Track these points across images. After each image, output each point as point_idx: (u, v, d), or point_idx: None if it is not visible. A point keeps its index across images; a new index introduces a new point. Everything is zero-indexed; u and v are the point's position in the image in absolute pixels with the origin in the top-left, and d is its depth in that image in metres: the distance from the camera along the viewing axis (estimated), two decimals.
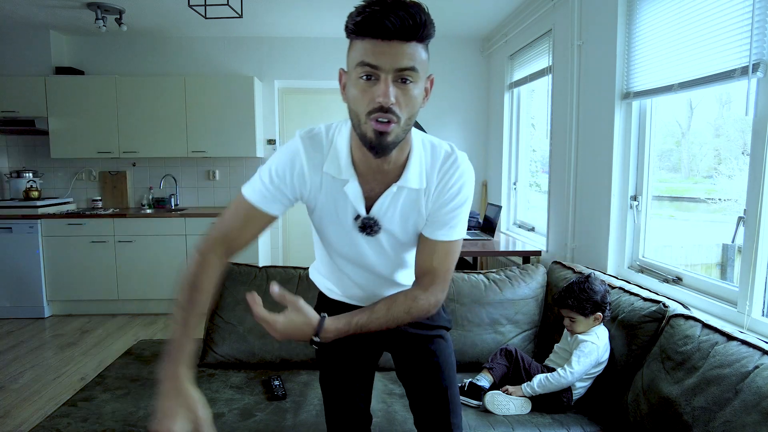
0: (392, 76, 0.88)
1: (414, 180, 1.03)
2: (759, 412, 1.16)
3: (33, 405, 2.54)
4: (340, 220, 1.08)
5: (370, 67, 0.88)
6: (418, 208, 1.07)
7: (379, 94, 0.87)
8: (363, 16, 0.86)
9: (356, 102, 0.92)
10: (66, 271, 4.01)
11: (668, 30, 2.02)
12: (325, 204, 1.08)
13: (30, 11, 3.68)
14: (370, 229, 1.07)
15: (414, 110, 0.93)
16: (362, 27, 0.87)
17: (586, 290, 1.76)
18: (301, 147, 1.04)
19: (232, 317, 2.08)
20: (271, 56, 4.48)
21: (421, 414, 1.28)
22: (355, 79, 0.91)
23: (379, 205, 1.05)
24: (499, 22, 3.95)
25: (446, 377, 1.26)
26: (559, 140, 2.97)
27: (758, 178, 1.59)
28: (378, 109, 0.88)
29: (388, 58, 0.87)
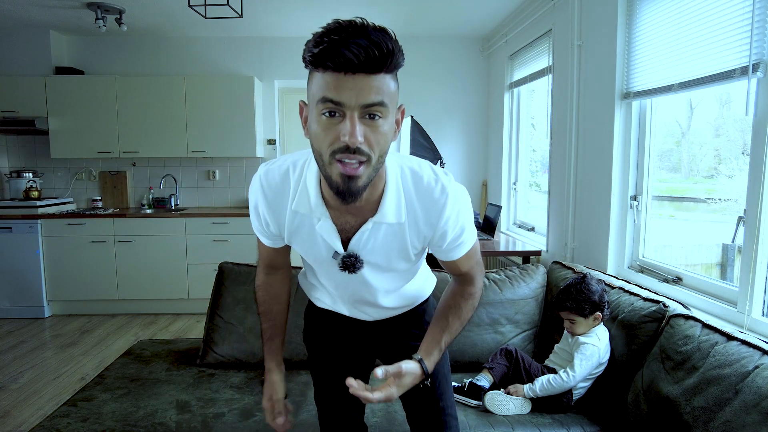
0: (358, 112, 0.78)
1: (390, 215, 0.94)
2: (759, 412, 1.16)
3: (33, 405, 2.54)
4: (319, 256, 1.04)
5: (332, 104, 0.78)
6: (401, 238, 0.99)
7: (344, 133, 0.78)
8: (321, 48, 0.76)
9: (319, 140, 0.82)
10: (66, 271, 4.01)
11: (668, 30, 2.02)
12: (299, 240, 1.03)
13: (30, 11, 3.68)
14: (352, 267, 1.00)
15: (385, 148, 0.84)
16: (321, 59, 0.76)
17: (583, 291, 1.75)
18: (259, 191, 1.00)
19: (232, 317, 2.08)
20: (271, 56, 4.48)
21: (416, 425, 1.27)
22: (317, 116, 0.81)
23: (356, 239, 0.98)
24: (499, 22, 3.95)
25: (438, 388, 1.22)
26: (559, 140, 2.97)
27: (758, 178, 1.59)
28: (344, 149, 0.79)
29: (353, 93, 0.77)
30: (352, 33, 0.76)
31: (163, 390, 1.81)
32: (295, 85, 4.68)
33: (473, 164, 4.61)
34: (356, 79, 0.77)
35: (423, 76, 4.44)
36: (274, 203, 0.99)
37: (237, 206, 4.57)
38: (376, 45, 0.76)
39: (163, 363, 2.04)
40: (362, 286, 1.09)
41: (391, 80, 0.82)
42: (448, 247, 1.03)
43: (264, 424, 1.61)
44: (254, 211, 1.05)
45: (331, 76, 0.77)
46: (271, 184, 0.98)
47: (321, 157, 0.83)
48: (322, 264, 1.07)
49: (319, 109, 0.80)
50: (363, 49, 0.75)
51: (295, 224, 1.00)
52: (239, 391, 1.82)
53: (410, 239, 1.00)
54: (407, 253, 1.02)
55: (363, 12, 3.81)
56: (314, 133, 0.83)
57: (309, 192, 0.95)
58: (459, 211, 0.98)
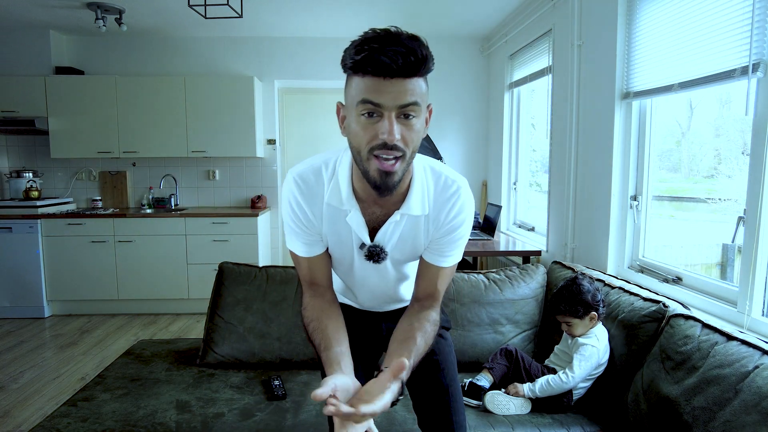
0: (395, 112, 0.87)
1: (416, 207, 1.03)
2: (759, 412, 1.16)
3: (33, 405, 2.54)
4: (345, 247, 1.10)
5: (372, 105, 0.87)
6: (416, 232, 1.08)
7: (383, 132, 0.87)
8: (363, 55, 0.84)
9: (358, 139, 0.91)
10: (66, 271, 4.01)
11: (668, 30, 2.02)
12: (331, 233, 1.09)
13: (30, 11, 3.68)
14: (377, 256, 1.08)
15: (417, 144, 0.93)
16: (362, 65, 0.85)
17: (574, 292, 1.75)
18: (294, 188, 1.05)
19: (232, 317, 2.08)
20: (271, 56, 4.48)
21: (424, 413, 1.29)
22: (356, 116, 0.90)
23: (382, 232, 1.07)
24: (499, 22, 3.95)
25: (447, 375, 1.27)
26: (559, 140, 2.97)
27: (758, 178, 1.59)
28: (381, 146, 0.88)
29: (391, 95, 0.86)
30: (389, 41, 0.84)
31: (163, 390, 1.81)
32: (295, 85, 4.68)
33: (473, 164, 4.60)
34: (393, 82, 0.85)
35: None
36: (310, 198, 1.05)
37: (237, 206, 4.57)
38: (412, 52, 0.84)
39: (163, 363, 2.04)
40: (381, 277, 1.16)
41: (423, 82, 0.91)
42: (444, 246, 1.08)
43: (264, 424, 1.61)
44: (291, 211, 1.06)
45: (371, 80, 0.86)
46: (306, 180, 1.05)
47: (359, 153, 0.92)
48: (349, 256, 1.12)
49: (359, 110, 0.89)
50: (401, 56, 0.83)
51: (328, 217, 1.07)
52: (239, 391, 1.82)
53: (423, 233, 1.08)
54: (420, 247, 1.10)
55: (363, 12, 3.82)
56: (353, 132, 0.92)
57: (341, 186, 1.03)
58: (467, 217, 1.07)
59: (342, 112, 0.98)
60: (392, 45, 0.83)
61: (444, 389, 1.26)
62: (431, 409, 1.27)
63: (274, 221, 4.66)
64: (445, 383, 1.26)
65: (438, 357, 1.27)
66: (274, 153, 4.59)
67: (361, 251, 1.08)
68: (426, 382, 1.27)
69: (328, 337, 1.05)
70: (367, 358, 1.31)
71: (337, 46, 0.97)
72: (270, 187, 4.62)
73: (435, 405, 1.26)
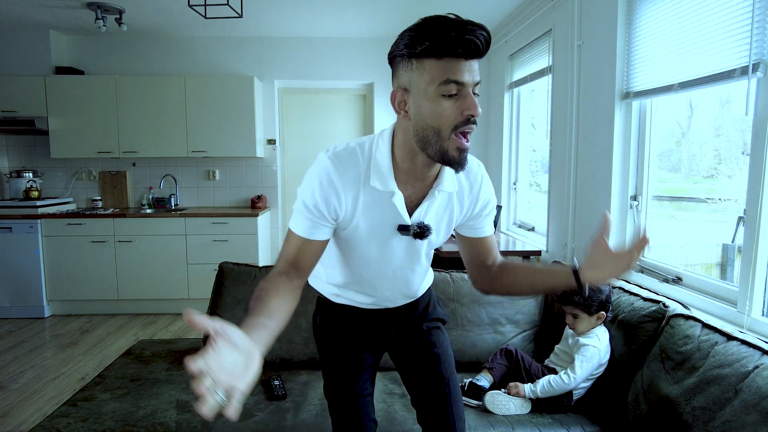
0: (472, 89, 0.95)
1: (449, 184, 1.09)
2: (759, 412, 1.16)
3: (33, 405, 2.55)
4: (380, 232, 1.11)
5: (456, 84, 0.92)
6: (450, 210, 1.14)
7: (469, 107, 0.94)
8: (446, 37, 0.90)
9: (439, 119, 0.94)
10: (66, 271, 4.01)
11: (668, 30, 2.02)
12: (363, 218, 1.09)
13: (30, 11, 3.68)
14: (426, 231, 1.10)
15: None
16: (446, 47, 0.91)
17: (592, 288, 1.76)
18: (331, 166, 1.04)
19: (232, 317, 2.08)
20: (271, 56, 4.48)
21: (422, 407, 1.29)
22: (435, 96, 0.94)
23: (420, 210, 1.10)
24: (499, 22, 3.95)
25: (445, 368, 1.28)
26: (559, 140, 2.97)
27: (758, 178, 1.59)
28: (466, 122, 0.94)
29: (471, 74, 0.94)
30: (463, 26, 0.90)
31: (163, 390, 1.81)
32: (295, 85, 4.68)
33: None
34: (471, 63, 0.94)
35: None
36: (347, 177, 1.05)
37: (237, 206, 4.57)
38: (487, 36, 0.92)
39: (163, 363, 2.04)
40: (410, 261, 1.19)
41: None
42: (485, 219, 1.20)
43: (264, 424, 1.61)
44: (319, 189, 1.03)
45: (454, 62, 0.92)
46: (342, 161, 1.05)
47: (437, 132, 0.95)
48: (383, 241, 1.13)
49: (440, 91, 0.93)
50: (479, 39, 0.91)
51: (367, 201, 1.07)
52: None
53: (457, 210, 1.14)
54: (452, 225, 1.17)
55: (363, 12, 3.82)
56: (431, 113, 0.95)
57: (382, 169, 1.05)
58: (491, 191, 1.20)
59: (402, 97, 0.99)
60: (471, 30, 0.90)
61: (443, 381, 1.27)
62: (430, 401, 1.27)
63: (274, 221, 4.66)
64: (445, 375, 1.27)
65: (437, 350, 1.29)
66: (274, 153, 4.59)
67: (401, 233, 1.11)
68: (425, 374, 1.28)
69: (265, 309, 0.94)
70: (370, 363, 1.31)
71: (337, 46, 0.97)
72: (270, 187, 4.62)
73: (434, 397, 1.27)
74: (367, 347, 1.30)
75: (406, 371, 1.33)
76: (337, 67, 4.49)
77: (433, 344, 1.30)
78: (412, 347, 1.30)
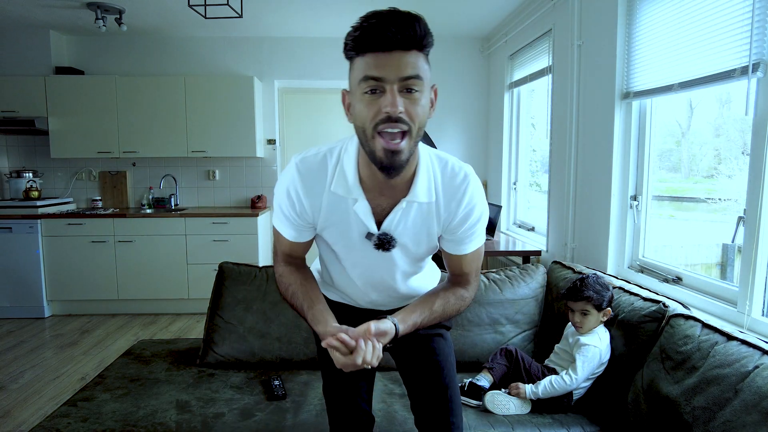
0: (397, 86, 0.87)
1: (423, 194, 1.02)
2: (759, 412, 1.16)
3: (33, 405, 2.54)
4: (349, 238, 1.08)
5: (374, 80, 0.87)
6: (429, 221, 1.07)
7: (386, 104, 0.86)
8: (362, 31, 0.86)
9: (362, 117, 0.90)
10: (66, 271, 4.01)
11: (668, 30, 2.02)
12: (331, 224, 1.07)
13: (30, 11, 3.68)
14: (388, 244, 1.07)
15: (423, 121, 0.92)
16: (362, 42, 0.86)
17: (600, 284, 1.77)
18: (296, 174, 1.03)
19: (232, 317, 2.08)
20: (271, 56, 4.48)
21: (421, 413, 1.29)
22: (359, 95, 0.90)
23: (389, 220, 1.05)
24: (499, 22, 3.95)
25: (446, 376, 1.27)
26: (559, 140, 2.97)
27: (758, 178, 1.59)
28: (386, 120, 0.87)
29: (392, 68, 0.86)
30: (387, 16, 0.85)
31: (163, 390, 1.81)
32: (295, 84, 4.68)
33: (473, 164, 4.52)
34: (393, 56, 0.86)
35: None
36: (311, 187, 1.04)
37: (237, 206, 4.57)
38: (410, 24, 0.85)
39: (163, 363, 2.04)
40: (388, 270, 1.14)
41: (424, 60, 0.91)
42: (462, 236, 1.08)
43: (264, 424, 1.61)
44: (287, 198, 1.05)
45: (371, 56, 0.87)
46: (309, 169, 1.03)
47: (364, 132, 0.91)
48: (352, 248, 1.11)
49: (362, 89, 0.89)
50: (399, 28, 0.84)
51: (331, 207, 1.05)
52: (239, 391, 1.82)
53: (435, 220, 1.07)
54: (433, 236, 1.09)
55: (363, 11, 3.80)
56: (358, 112, 0.91)
57: (347, 174, 1.02)
58: (478, 201, 1.07)
59: (347, 99, 0.97)
60: (391, 19, 0.84)
61: (444, 389, 1.25)
62: (429, 409, 1.26)
63: None
64: (445, 383, 1.26)
65: (438, 357, 1.27)
66: (274, 153, 4.59)
67: (368, 241, 1.07)
68: (426, 382, 1.27)
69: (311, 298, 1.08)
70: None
71: (337, 46, 0.97)
72: (270, 187, 4.62)
73: (433, 405, 1.26)
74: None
75: (406, 376, 1.33)
76: (337, 67, 4.49)
77: (435, 352, 1.27)
78: (413, 352, 1.28)
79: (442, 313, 1.10)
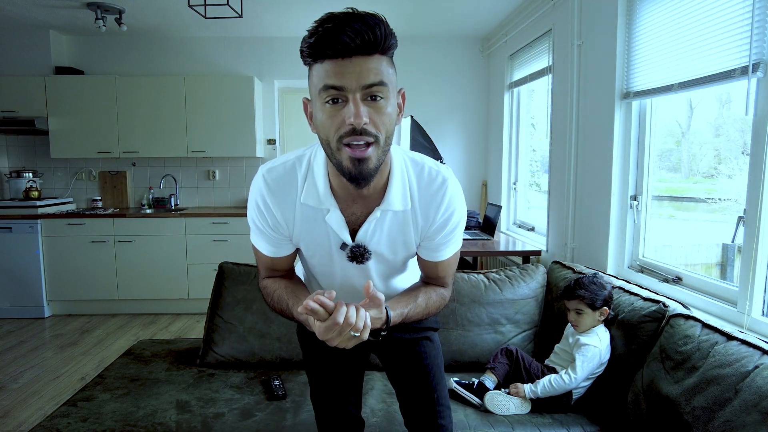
0: (360, 94, 0.80)
1: (397, 202, 0.96)
2: (759, 411, 1.16)
3: (33, 405, 2.54)
4: (324, 249, 1.04)
5: (334, 90, 0.80)
6: (406, 229, 1.02)
7: (349, 115, 0.80)
8: (317, 36, 0.79)
9: (325, 129, 0.84)
10: (66, 271, 4.01)
11: (668, 30, 2.02)
12: (305, 235, 1.03)
13: (30, 11, 3.68)
14: (361, 257, 1.02)
15: (390, 129, 0.86)
16: (318, 48, 0.80)
17: (597, 284, 1.77)
18: (263, 186, 0.98)
19: (232, 317, 2.08)
20: (271, 56, 4.48)
21: (410, 416, 1.28)
22: (320, 105, 0.83)
23: (363, 230, 1.00)
24: (499, 22, 3.95)
25: (433, 379, 1.25)
26: (559, 140, 2.97)
27: (758, 178, 1.59)
28: (350, 132, 0.81)
29: (353, 76, 0.79)
30: (344, 20, 0.78)
31: (163, 390, 1.81)
32: (295, 84, 4.68)
33: (473, 164, 4.61)
34: (354, 62, 0.79)
35: (423, 76, 4.44)
36: (282, 199, 0.99)
37: (237, 206, 4.57)
38: (370, 27, 0.78)
39: (163, 363, 2.04)
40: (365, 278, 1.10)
41: (388, 64, 0.84)
42: (439, 242, 1.03)
43: (264, 424, 1.61)
44: (257, 212, 1.00)
45: (330, 64, 0.80)
46: (277, 180, 0.98)
47: (329, 144, 0.85)
48: (327, 258, 1.07)
49: (322, 98, 0.82)
50: (356, 33, 0.77)
51: (303, 218, 1.00)
52: (239, 391, 1.82)
53: (413, 228, 1.01)
54: (411, 244, 1.04)
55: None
56: (320, 123, 0.85)
57: (317, 184, 0.96)
58: (456, 207, 1.00)
59: (309, 108, 0.91)
60: (348, 22, 0.78)
61: (431, 392, 1.24)
62: (418, 412, 1.26)
63: None
64: (432, 386, 1.24)
65: (426, 361, 1.25)
66: (274, 153, 4.59)
67: (343, 252, 1.02)
68: (413, 385, 1.26)
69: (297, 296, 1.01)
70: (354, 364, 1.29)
71: None
72: None
73: (421, 408, 1.25)
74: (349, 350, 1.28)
75: (393, 379, 1.32)
76: None
77: (422, 355, 1.25)
78: (400, 356, 1.27)
79: (425, 308, 1.06)
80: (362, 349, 1.29)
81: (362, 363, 1.32)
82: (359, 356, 1.30)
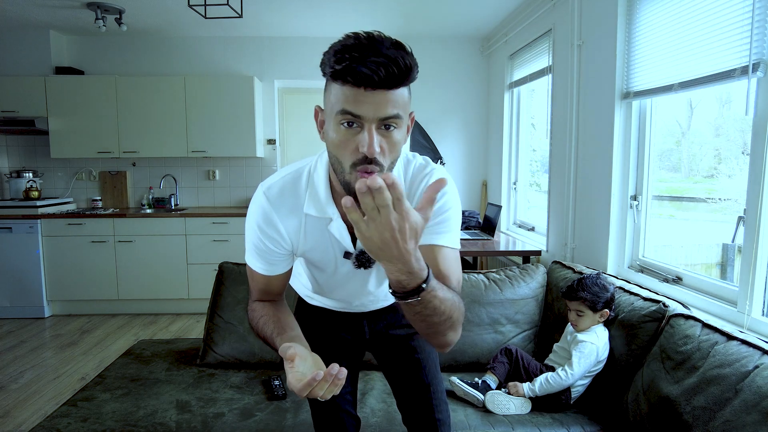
0: (376, 124, 0.81)
1: None
2: (759, 411, 1.16)
3: (33, 405, 2.54)
4: (327, 257, 1.06)
5: (352, 116, 0.81)
6: None
7: (363, 144, 0.81)
8: (344, 65, 0.78)
9: (338, 149, 0.86)
10: (66, 271, 4.01)
11: (668, 30, 2.02)
12: (308, 245, 1.04)
13: (30, 11, 3.68)
14: (368, 262, 1.04)
15: (397, 155, 0.88)
16: (342, 74, 0.79)
17: (599, 285, 1.77)
18: (266, 202, 1.00)
19: (232, 317, 2.08)
20: (271, 56, 4.48)
21: (407, 411, 1.30)
22: (335, 125, 0.84)
23: None
24: (499, 22, 3.95)
25: (428, 373, 1.28)
26: (559, 140, 2.97)
27: (758, 178, 1.59)
28: (363, 161, 0.82)
29: (371, 107, 0.80)
30: (370, 50, 0.77)
31: (163, 390, 1.81)
32: (295, 85, 4.68)
33: (473, 164, 4.60)
34: (375, 94, 0.79)
35: (423, 76, 4.33)
36: (285, 212, 1.00)
37: (237, 206, 4.57)
38: (394, 62, 0.77)
39: (163, 363, 2.04)
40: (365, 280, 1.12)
41: (406, 91, 0.85)
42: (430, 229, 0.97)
43: (264, 424, 1.61)
44: (257, 232, 1.00)
45: (351, 90, 0.80)
46: (278, 195, 1.00)
47: (340, 164, 0.86)
48: (330, 265, 1.08)
49: (338, 120, 0.83)
50: (382, 67, 0.77)
51: (309, 229, 1.01)
52: (239, 391, 1.82)
53: None
54: None
55: (363, 11, 3.82)
56: (333, 141, 0.86)
57: (319, 194, 0.98)
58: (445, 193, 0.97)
59: (321, 116, 0.92)
60: (374, 54, 0.77)
61: (426, 387, 1.26)
62: (414, 407, 1.28)
63: None
64: (427, 381, 1.27)
65: (420, 355, 1.28)
66: (274, 153, 4.59)
67: (346, 260, 1.05)
68: (408, 380, 1.28)
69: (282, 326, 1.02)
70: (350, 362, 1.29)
71: None
72: None
73: (417, 403, 1.27)
74: (345, 348, 1.29)
75: (389, 375, 1.34)
76: None
77: (415, 350, 1.28)
78: (394, 352, 1.29)
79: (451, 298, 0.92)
80: (358, 348, 1.32)
81: (358, 361, 1.34)
82: (355, 355, 1.32)
